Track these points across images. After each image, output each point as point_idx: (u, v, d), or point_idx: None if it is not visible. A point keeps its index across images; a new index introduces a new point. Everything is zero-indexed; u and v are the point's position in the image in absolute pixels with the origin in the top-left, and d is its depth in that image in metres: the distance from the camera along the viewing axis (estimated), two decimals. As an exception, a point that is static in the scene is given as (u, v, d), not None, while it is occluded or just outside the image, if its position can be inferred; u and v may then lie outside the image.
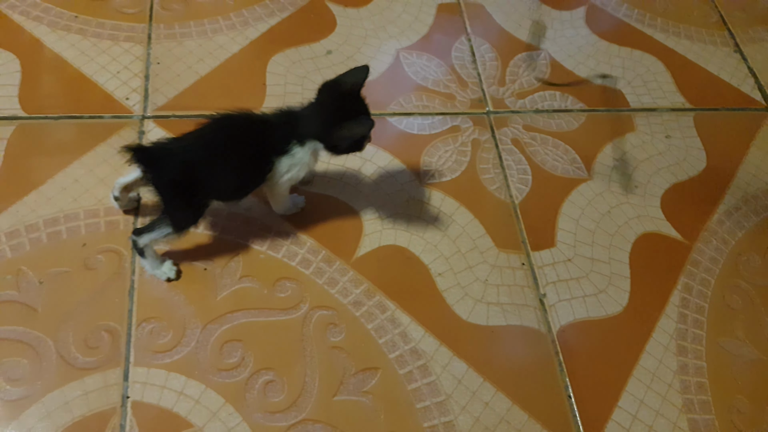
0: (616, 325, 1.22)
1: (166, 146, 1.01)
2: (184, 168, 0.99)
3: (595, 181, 1.41)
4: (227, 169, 1.03)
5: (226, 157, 1.01)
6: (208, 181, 1.01)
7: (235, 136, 1.03)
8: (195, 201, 1.05)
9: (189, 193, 1.02)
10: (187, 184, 1.00)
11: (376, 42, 1.56)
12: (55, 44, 1.41)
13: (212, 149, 1.01)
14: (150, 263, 1.11)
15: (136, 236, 1.07)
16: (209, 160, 1.00)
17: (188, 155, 1.00)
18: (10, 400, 1.00)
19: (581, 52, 1.66)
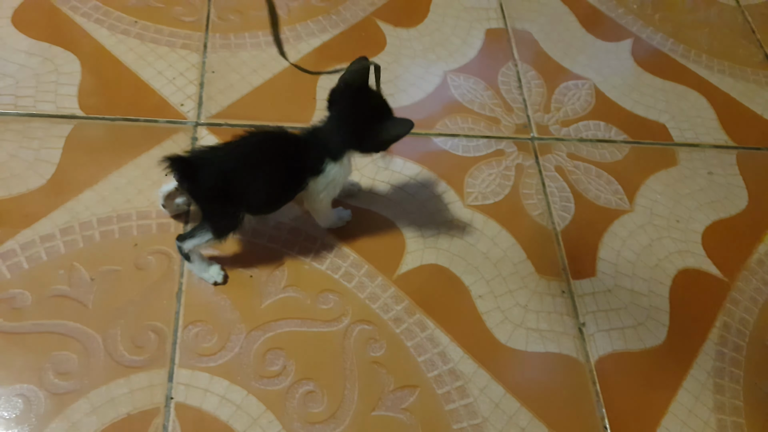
0: (654, 359, 1.22)
1: (203, 156, 1.02)
2: (220, 177, 1.00)
3: (637, 213, 1.41)
4: (258, 183, 1.03)
5: (258, 170, 1.02)
6: (241, 192, 1.02)
7: (269, 151, 1.04)
8: (230, 210, 1.05)
9: (224, 202, 1.03)
10: (222, 193, 1.01)
11: (425, 63, 1.58)
12: (114, 47, 1.44)
13: (246, 161, 1.02)
14: (197, 267, 1.13)
15: (180, 242, 1.09)
16: (242, 172, 1.01)
17: (223, 165, 1.01)
18: (58, 393, 1.02)
19: (626, 83, 1.67)
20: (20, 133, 1.27)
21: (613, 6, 1.82)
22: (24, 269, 1.12)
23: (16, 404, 1.00)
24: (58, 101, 1.33)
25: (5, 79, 1.34)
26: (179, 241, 1.09)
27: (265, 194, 1.07)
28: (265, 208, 1.14)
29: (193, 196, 1.05)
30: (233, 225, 1.07)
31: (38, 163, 1.24)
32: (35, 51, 1.40)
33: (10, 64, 1.37)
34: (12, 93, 1.33)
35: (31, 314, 1.08)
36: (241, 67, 1.47)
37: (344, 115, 1.05)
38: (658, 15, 1.83)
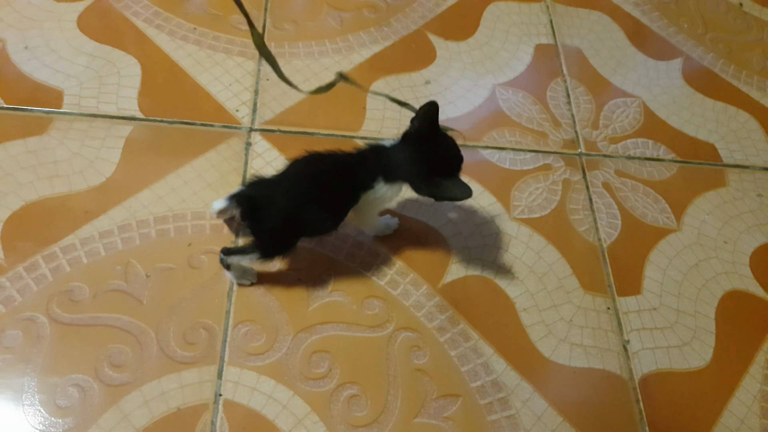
0: (699, 380, 1.20)
1: (265, 193, 1.03)
2: (282, 217, 1.02)
3: (685, 233, 1.40)
4: (320, 211, 1.05)
5: (318, 199, 1.04)
6: (301, 224, 1.05)
7: (327, 181, 1.05)
8: (288, 241, 1.09)
9: (286, 235, 1.07)
10: (285, 228, 1.05)
11: (474, 76, 1.59)
12: (173, 52, 1.48)
13: (306, 193, 1.03)
14: (234, 276, 1.16)
15: (224, 255, 1.11)
16: (304, 204, 1.03)
17: (285, 202, 1.02)
18: (112, 385, 1.04)
19: (675, 102, 1.66)
20: (83, 132, 1.31)
21: (664, 25, 1.81)
22: (83, 263, 1.15)
23: (72, 394, 1.03)
24: (119, 103, 1.37)
25: (70, 80, 1.39)
26: (224, 254, 1.11)
27: (324, 222, 1.09)
28: (325, 230, 1.17)
29: (254, 231, 1.06)
30: (286, 251, 1.12)
31: (99, 162, 1.28)
32: (98, 54, 1.45)
33: (75, 66, 1.42)
34: (76, 93, 1.37)
35: (88, 307, 1.11)
36: (294, 75, 1.50)
37: (411, 155, 1.06)
38: (710, 35, 1.82)
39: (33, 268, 1.13)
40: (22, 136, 1.29)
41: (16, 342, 1.06)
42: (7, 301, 1.10)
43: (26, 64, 1.40)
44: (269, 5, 1.61)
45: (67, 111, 1.34)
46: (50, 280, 1.13)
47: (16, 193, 1.21)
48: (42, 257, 1.15)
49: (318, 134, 1.40)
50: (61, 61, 1.42)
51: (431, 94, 1.52)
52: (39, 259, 1.14)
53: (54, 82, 1.39)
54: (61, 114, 1.34)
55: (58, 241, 1.17)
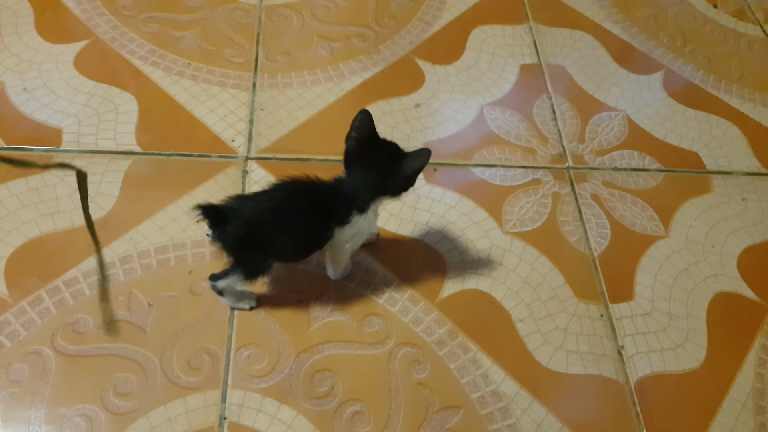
0: (694, 380, 1.20)
1: (234, 206, 1.02)
2: (248, 229, 1.00)
3: (673, 239, 1.41)
4: (288, 233, 1.04)
5: (288, 221, 1.02)
6: (269, 242, 1.02)
7: (298, 204, 1.03)
8: (259, 259, 1.06)
9: (252, 251, 1.04)
10: (250, 243, 1.02)
11: (462, 97, 1.61)
12: (169, 88, 1.50)
13: (276, 212, 1.01)
14: (229, 300, 1.16)
15: (213, 281, 1.11)
16: (271, 223, 1.01)
17: (252, 217, 1.01)
18: (119, 413, 1.04)
19: (658, 114, 1.68)
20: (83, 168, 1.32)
21: (644, 40, 1.84)
22: (86, 295, 1.16)
23: (79, 424, 1.03)
24: (117, 138, 1.39)
25: (69, 119, 1.41)
26: (212, 281, 1.11)
27: (294, 246, 1.07)
28: (293, 257, 1.15)
29: (222, 242, 1.04)
30: (261, 271, 1.08)
31: (99, 196, 1.29)
32: (96, 92, 1.47)
33: (73, 105, 1.44)
34: (75, 131, 1.39)
35: (93, 338, 1.11)
36: (288, 104, 1.52)
37: (365, 166, 1.05)
38: (689, 48, 1.84)
39: (37, 302, 1.14)
40: (23, 175, 1.31)
41: (23, 375, 1.06)
42: (12, 335, 1.10)
43: (25, 104, 1.42)
44: (261, 38, 1.64)
45: (66, 149, 1.36)
46: (54, 314, 1.13)
47: (18, 230, 1.22)
48: (45, 291, 1.15)
49: (313, 160, 1.42)
50: (59, 101, 1.44)
51: (421, 116, 1.54)
52: (43, 294, 1.15)
53: (53, 121, 1.40)
54: (61, 152, 1.35)
55: (61, 275, 1.18)
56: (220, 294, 1.13)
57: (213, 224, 1.02)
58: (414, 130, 1.52)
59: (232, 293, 1.14)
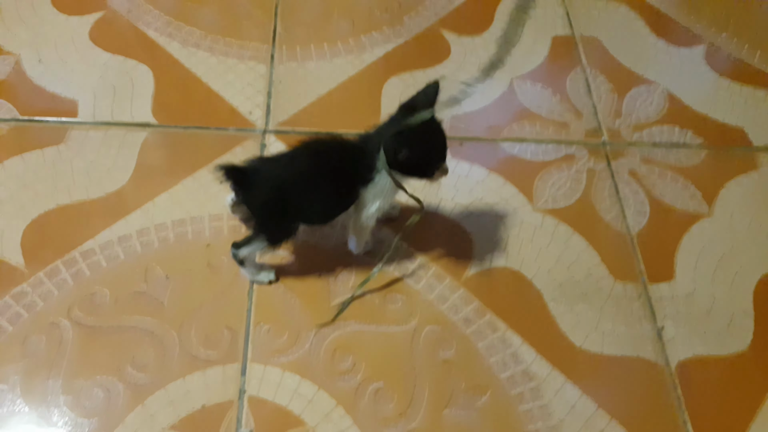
0: (739, 364, 1.21)
1: (259, 167, 1.05)
2: (274, 190, 1.03)
3: (717, 218, 1.42)
4: (314, 194, 1.06)
5: (314, 182, 1.05)
6: (296, 204, 1.05)
7: (323, 162, 1.06)
8: (286, 222, 1.10)
9: (279, 214, 1.07)
10: (277, 205, 1.05)
11: (491, 70, 1.63)
12: (186, 60, 1.55)
13: (302, 173, 1.04)
14: (249, 272, 1.20)
15: (235, 249, 1.14)
16: (298, 184, 1.04)
17: (279, 178, 1.04)
18: (137, 385, 1.09)
19: (700, 88, 1.68)
20: (99, 141, 1.37)
21: (685, 12, 1.84)
22: (103, 267, 1.21)
23: (97, 394, 1.07)
24: (133, 111, 1.44)
25: (84, 91, 1.46)
26: (234, 249, 1.14)
27: (320, 206, 1.10)
28: (320, 219, 1.18)
29: (248, 206, 1.08)
30: (288, 235, 1.12)
31: (115, 169, 1.34)
32: (111, 64, 1.52)
33: (88, 77, 1.49)
34: (90, 103, 1.44)
35: (110, 310, 1.16)
36: (307, 76, 1.55)
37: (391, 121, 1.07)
38: (732, 20, 1.84)
39: (54, 273, 1.19)
40: (39, 147, 1.36)
41: (40, 347, 1.11)
42: (29, 306, 1.15)
43: (41, 77, 1.48)
44: (279, 11, 1.68)
45: (82, 120, 1.41)
46: (71, 285, 1.18)
47: (34, 203, 1.27)
48: (62, 263, 1.20)
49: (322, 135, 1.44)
50: (74, 73, 1.49)
51: (447, 89, 1.57)
52: (59, 265, 1.20)
53: (68, 93, 1.46)
54: (76, 124, 1.40)
55: (77, 247, 1.22)
56: (241, 264, 1.17)
57: (237, 187, 1.05)
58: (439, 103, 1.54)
59: (252, 264, 1.17)
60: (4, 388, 1.07)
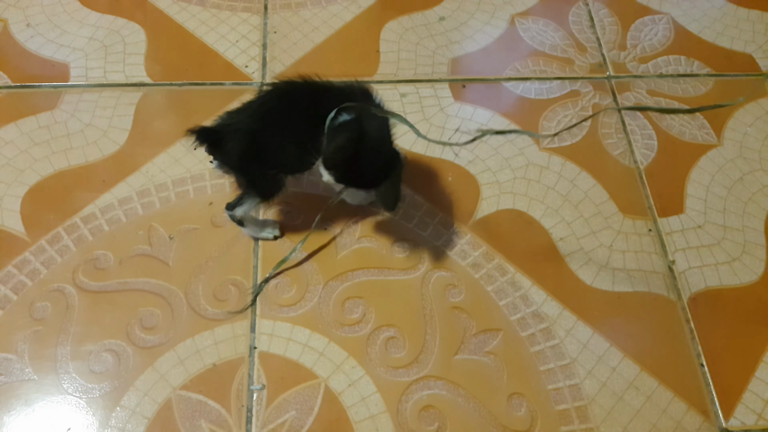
0: (752, 294, 1.18)
1: (228, 122, 1.00)
2: (247, 141, 0.98)
3: (726, 148, 1.37)
4: (287, 138, 1.01)
5: (284, 125, 0.99)
6: (272, 151, 1.00)
7: (293, 103, 1.00)
8: (268, 172, 1.04)
9: (260, 165, 1.02)
10: (254, 156, 1.00)
11: (490, 8, 1.57)
12: (177, 15, 1.49)
13: (272, 118, 0.99)
14: (251, 230, 1.16)
15: (230, 210, 1.10)
16: (269, 129, 0.99)
17: (249, 127, 0.98)
18: (146, 347, 1.06)
19: (707, 15, 1.61)
20: (93, 103, 1.33)
21: (689, -65, 1.75)
22: (105, 231, 1.18)
23: (106, 359, 1.06)
24: (126, 70, 1.39)
25: (75, 53, 1.41)
26: (229, 210, 1.11)
27: (294, 150, 1.02)
28: (298, 165, 1.07)
29: (227, 164, 1.03)
30: (276, 187, 1.06)
31: (112, 131, 1.30)
32: (101, 24, 1.46)
33: (79, 38, 1.44)
34: (82, 65, 1.39)
35: (115, 273, 1.13)
36: (302, 25, 1.49)
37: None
38: (739, -59, 1.75)
39: (55, 240, 1.16)
40: (33, 113, 1.32)
41: (46, 313, 1.09)
42: (33, 274, 1.12)
43: (30, 41, 1.43)
44: (270, -42, 1.60)
45: (75, 83, 1.36)
46: (74, 251, 1.15)
47: (32, 169, 1.24)
48: (63, 229, 1.17)
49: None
50: (64, 35, 1.44)
51: (446, 30, 1.51)
52: (61, 231, 1.17)
53: (59, 56, 1.41)
54: (69, 87, 1.36)
55: (78, 212, 1.19)
56: (241, 224, 1.13)
57: (211, 148, 1.00)
58: (439, 45, 1.49)
59: (253, 222, 1.14)
60: (12, 357, 1.05)
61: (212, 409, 1.02)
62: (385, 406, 1.03)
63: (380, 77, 1.41)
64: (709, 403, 1.07)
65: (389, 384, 1.05)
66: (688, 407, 1.06)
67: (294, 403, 1.03)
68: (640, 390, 1.07)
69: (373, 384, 1.05)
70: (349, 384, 1.05)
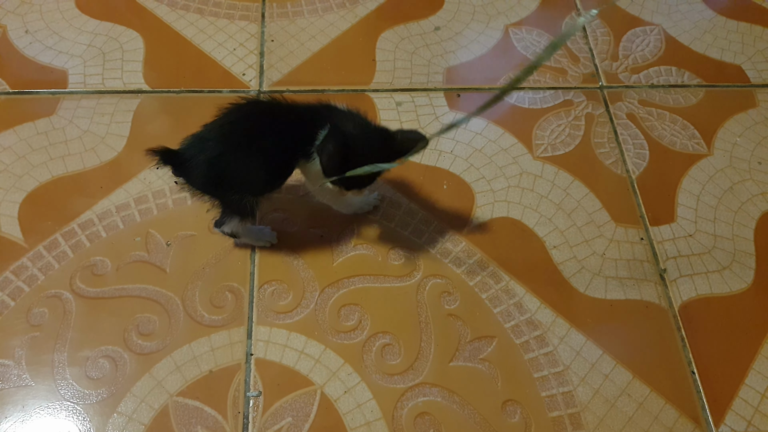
0: (742, 302, 1.18)
1: (191, 144, 0.96)
2: (209, 167, 0.95)
3: (716, 157, 1.37)
4: (250, 164, 0.96)
5: (247, 150, 0.95)
6: (235, 176, 0.97)
7: (258, 126, 0.97)
8: (234, 196, 1.01)
9: (224, 189, 1.00)
10: (217, 181, 0.97)
11: (485, 18, 1.56)
12: (175, 23, 1.48)
13: (233, 143, 0.95)
14: (248, 240, 1.16)
15: (217, 227, 1.10)
16: (231, 155, 0.95)
17: (211, 153, 0.94)
18: (143, 354, 1.06)
19: (697, 27, 1.61)
20: (91, 110, 1.32)
21: (680, -53, 1.76)
22: (102, 238, 1.17)
23: (103, 365, 1.05)
24: (124, 77, 1.38)
25: (74, 59, 1.40)
26: (217, 227, 1.10)
27: (259, 175, 1.00)
28: (263, 189, 1.04)
29: (192, 187, 1.00)
30: (249, 209, 1.03)
31: (110, 137, 1.29)
32: (100, 31, 1.46)
33: (77, 45, 1.42)
34: (81, 72, 1.38)
35: (112, 280, 1.12)
36: (299, 34, 1.49)
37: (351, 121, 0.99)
38: (729, -46, 1.76)
39: (53, 246, 1.15)
40: (31, 119, 1.31)
41: (43, 319, 1.08)
42: (30, 280, 1.11)
43: (28, 47, 1.42)
44: (267, -33, 1.60)
45: (73, 90, 1.35)
46: (71, 257, 1.14)
47: (30, 175, 1.23)
48: (61, 235, 1.16)
49: (328, 91, 1.39)
50: (63, 42, 1.43)
51: (441, 39, 1.50)
52: (58, 237, 1.16)
53: (58, 63, 1.40)
54: (67, 93, 1.35)
55: (75, 218, 1.18)
56: (234, 237, 1.13)
57: (176, 170, 0.97)
58: (434, 55, 1.49)
59: (246, 233, 1.14)
60: (9, 363, 1.04)
61: (209, 415, 1.01)
62: (381, 412, 1.03)
63: (376, 86, 1.41)
64: (700, 409, 1.07)
65: (385, 391, 1.04)
66: (679, 414, 1.06)
67: (290, 410, 1.02)
68: (632, 397, 1.07)
69: (368, 391, 1.04)
70: (345, 391, 1.04)
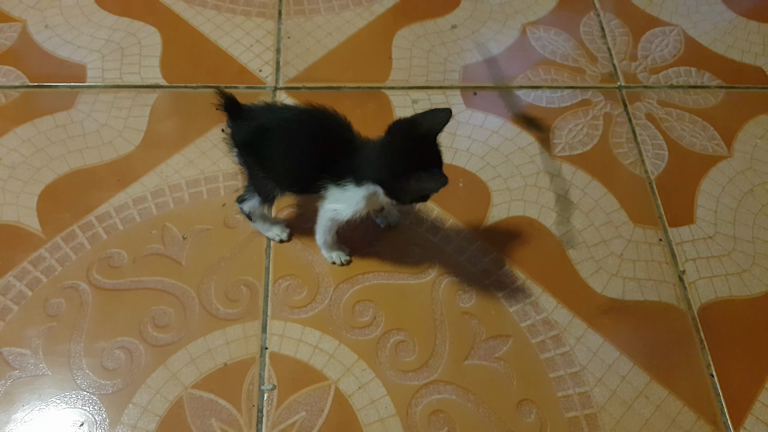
0: (762, 305, 1.18)
1: (255, 109, 0.99)
2: (255, 133, 0.97)
3: (736, 159, 1.36)
4: (288, 155, 0.99)
5: (291, 142, 0.98)
6: (269, 157, 0.99)
7: (309, 127, 0.98)
8: (261, 174, 1.03)
9: (255, 161, 1.02)
10: (253, 148, 0.99)
11: (502, 17, 1.57)
12: (193, 19, 1.49)
13: (283, 127, 0.97)
14: (260, 226, 1.17)
15: (239, 203, 1.11)
16: (276, 136, 0.97)
17: (265, 124, 0.97)
18: (158, 346, 1.06)
19: (717, 28, 1.61)
20: (109, 104, 1.33)
21: (700, -52, 1.75)
22: (119, 230, 1.18)
23: (119, 356, 1.05)
24: (142, 72, 1.39)
25: (92, 54, 1.41)
26: (238, 202, 1.12)
27: (288, 170, 1.01)
28: (287, 183, 1.04)
29: (232, 137, 1.01)
30: (269, 193, 1.04)
31: (127, 131, 1.30)
32: (118, 26, 1.47)
33: (96, 40, 1.44)
34: (99, 67, 1.40)
35: (128, 272, 1.13)
36: (316, 31, 1.50)
37: (391, 147, 0.94)
38: (750, -45, 1.76)
39: (70, 237, 1.16)
40: (50, 112, 1.32)
41: (60, 310, 1.09)
42: (48, 271, 1.12)
43: (48, 42, 1.43)
44: (285, -36, 1.61)
45: (91, 84, 1.37)
46: (88, 249, 1.15)
47: (48, 167, 1.24)
48: (78, 227, 1.17)
49: (344, 88, 1.40)
50: (81, 37, 1.45)
51: (458, 38, 1.51)
52: (76, 229, 1.17)
53: (76, 57, 1.41)
54: (86, 87, 1.36)
55: (93, 211, 1.19)
56: (249, 218, 1.14)
57: (229, 118, 0.99)
58: (451, 53, 1.49)
59: (261, 218, 1.15)
60: (26, 352, 1.05)
61: (223, 408, 1.01)
62: (395, 409, 1.03)
63: (392, 83, 1.42)
64: (718, 413, 1.06)
65: (399, 387, 1.05)
66: (697, 417, 1.06)
67: (304, 404, 1.02)
68: (649, 399, 1.07)
69: (383, 387, 1.05)
70: (359, 386, 1.04)
